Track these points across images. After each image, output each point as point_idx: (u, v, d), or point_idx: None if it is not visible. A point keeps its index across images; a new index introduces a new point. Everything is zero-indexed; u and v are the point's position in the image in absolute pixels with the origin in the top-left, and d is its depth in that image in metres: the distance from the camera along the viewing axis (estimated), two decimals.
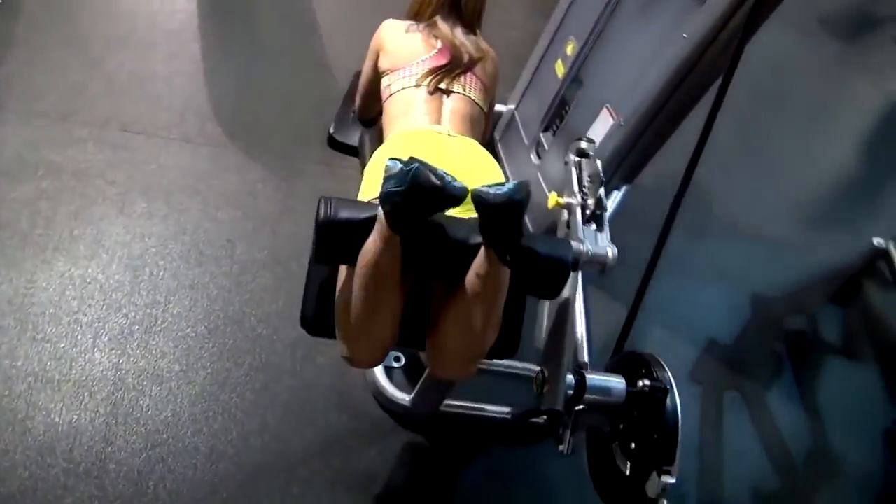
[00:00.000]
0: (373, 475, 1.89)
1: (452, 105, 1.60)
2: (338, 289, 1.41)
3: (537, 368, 1.69)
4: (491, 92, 1.77)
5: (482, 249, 1.28)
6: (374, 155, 1.52)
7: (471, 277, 1.30)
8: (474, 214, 1.32)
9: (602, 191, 1.56)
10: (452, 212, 1.39)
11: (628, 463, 1.39)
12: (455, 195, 1.20)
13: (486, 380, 2.04)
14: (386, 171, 1.21)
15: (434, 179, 1.16)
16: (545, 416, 1.49)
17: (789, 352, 2.56)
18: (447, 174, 1.19)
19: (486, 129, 1.85)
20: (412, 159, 1.18)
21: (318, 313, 1.50)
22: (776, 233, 2.92)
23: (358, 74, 2.04)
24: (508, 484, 1.99)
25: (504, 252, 1.23)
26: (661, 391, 1.34)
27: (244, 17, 3.08)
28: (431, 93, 1.59)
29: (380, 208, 1.24)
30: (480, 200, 1.20)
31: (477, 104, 1.66)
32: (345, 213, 1.31)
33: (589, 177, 1.59)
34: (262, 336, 2.06)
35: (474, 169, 1.46)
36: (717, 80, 1.65)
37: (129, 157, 2.38)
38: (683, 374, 2.34)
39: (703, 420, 2.27)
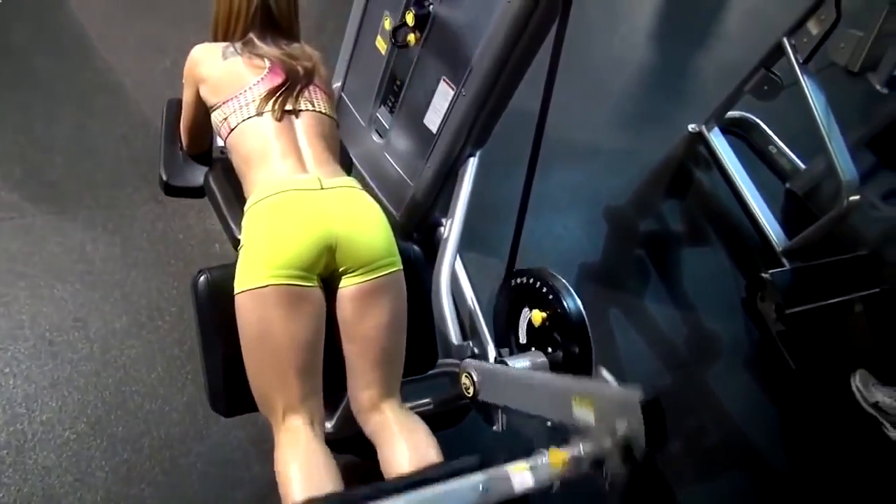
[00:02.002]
0: None
1: (306, 126, 1.46)
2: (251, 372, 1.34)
3: (455, 362, 1.70)
4: (333, 97, 1.66)
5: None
6: (245, 230, 1.35)
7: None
8: (370, 277, 1.35)
9: None
10: (352, 278, 1.35)
11: None
12: None
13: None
14: None
15: None
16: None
17: (649, 254, 2.75)
18: None
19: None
20: None
21: (229, 391, 1.38)
22: (608, 144, 3.08)
23: (173, 104, 1.81)
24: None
25: None
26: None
27: None
28: (279, 119, 1.44)
29: None
30: None
31: (327, 115, 1.54)
32: None
33: None
34: (153, 411, 1.88)
35: (356, 225, 1.37)
36: (553, 27, 1.67)
37: None
38: None
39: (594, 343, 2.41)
